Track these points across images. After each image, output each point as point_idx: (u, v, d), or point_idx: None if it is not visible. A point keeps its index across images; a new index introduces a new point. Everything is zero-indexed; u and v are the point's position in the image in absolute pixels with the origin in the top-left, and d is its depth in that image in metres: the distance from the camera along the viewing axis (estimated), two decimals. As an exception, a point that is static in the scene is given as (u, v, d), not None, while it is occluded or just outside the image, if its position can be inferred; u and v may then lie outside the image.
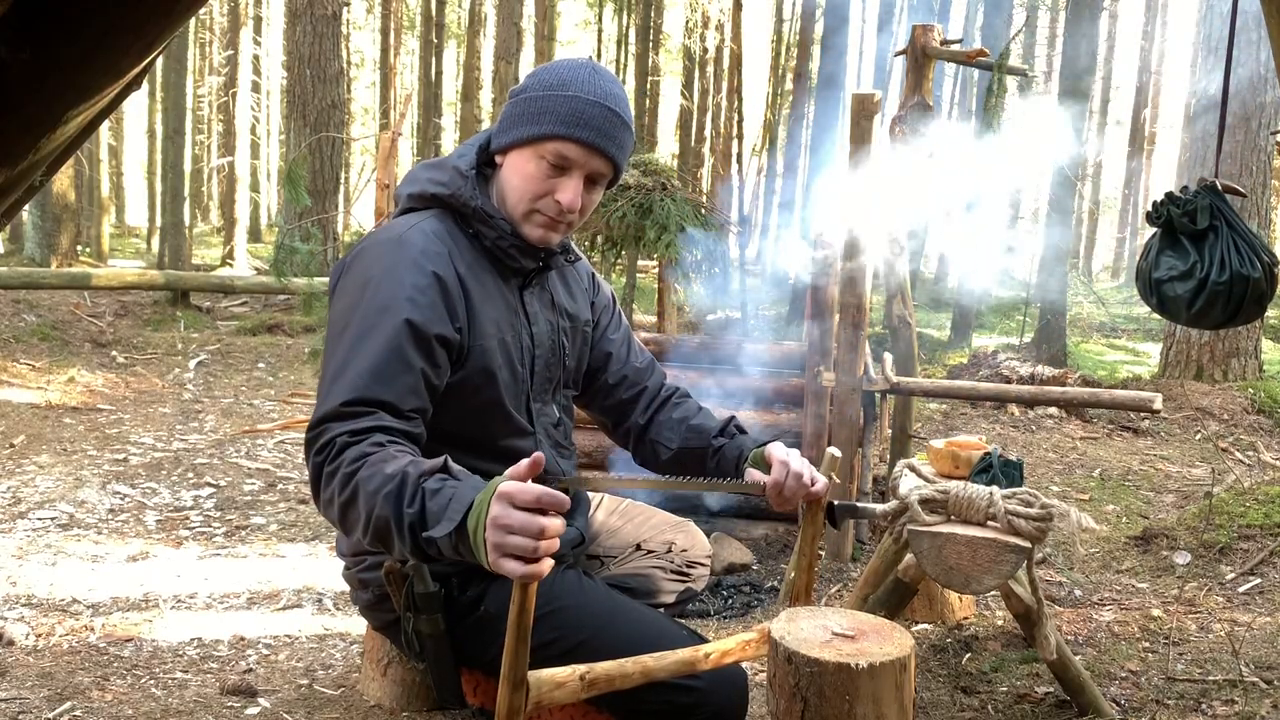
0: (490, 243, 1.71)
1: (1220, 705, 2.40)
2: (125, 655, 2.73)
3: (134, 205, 30.57)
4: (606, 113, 1.64)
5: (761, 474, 1.72)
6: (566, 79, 1.65)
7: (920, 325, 8.34)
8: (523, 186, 1.67)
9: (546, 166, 1.65)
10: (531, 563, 1.21)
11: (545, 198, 1.67)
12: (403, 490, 1.34)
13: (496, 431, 1.72)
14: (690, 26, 21.13)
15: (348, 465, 1.41)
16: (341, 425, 1.47)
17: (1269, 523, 3.74)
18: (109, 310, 9.77)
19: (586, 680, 1.38)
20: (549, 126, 1.62)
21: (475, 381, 1.66)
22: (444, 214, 1.72)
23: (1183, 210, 2.54)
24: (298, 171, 6.06)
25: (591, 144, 1.63)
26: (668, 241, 4.66)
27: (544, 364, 1.79)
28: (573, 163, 1.65)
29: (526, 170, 1.66)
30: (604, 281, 2.04)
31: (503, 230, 1.69)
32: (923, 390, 4.04)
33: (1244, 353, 7.83)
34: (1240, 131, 7.55)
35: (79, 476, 4.72)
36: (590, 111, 1.63)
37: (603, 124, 1.64)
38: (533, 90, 1.66)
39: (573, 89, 1.63)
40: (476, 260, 1.70)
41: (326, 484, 1.44)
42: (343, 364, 1.54)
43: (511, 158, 1.69)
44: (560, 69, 1.67)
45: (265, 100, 24.28)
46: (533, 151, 1.65)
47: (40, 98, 1.03)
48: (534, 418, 1.77)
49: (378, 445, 1.43)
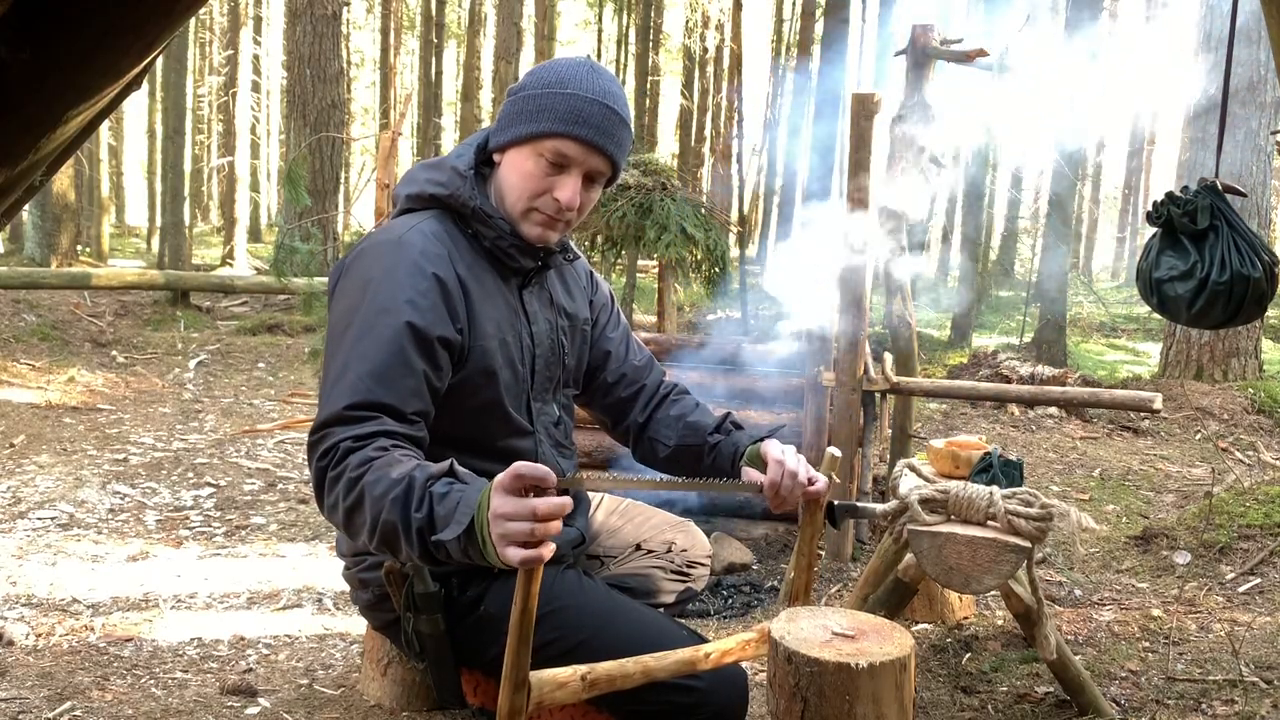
0: (489, 243, 1.70)
1: (1220, 705, 2.40)
2: (125, 655, 2.73)
3: (134, 205, 30.58)
4: (605, 110, 1.64)
5: (758, 473, 1.71)
6: (565, 77, 1.64)
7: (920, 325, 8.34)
8: (521, 185, 1.67)
9: (545, 164, 1.64)
10: (531, 546, 1.21)
11: (544, 196, 1.67)
12: (410, 494, 1.34)
13: (496, 431, 1.72)
14: (690, 26, 21.15)
15: (352, 470, 1.41)
16: (345, 430, 1.46)
17: (1269, 523, 3.74)
18: (109, 310, 9.77)
19: (588, 680, 1.38)
20: (548, 124, 1.62)
21: (476, 382, 1.66)
22: (443, 214, 1.71)
23: (1183, 210, 2.54)
24: (298, 171, 6.06)
25: (590, 141, 1.63)
26: (668, 242, 4.65)
27: (544, 363, 1.79)
28: (571, 160, 1.64)
29: (525, 168, 1.66)
30: (602, 280, 2.04)
31: (501, 230, 1.69)
32: (923, 390, 4.04)
33: (1244, 353, 7.83)
34: (1240, 131, 7.55)
35: (79, 476, 4.72)
36: (589, 109, 1.62)
37: (601, 122, 1.63)
38: (531, 88, 1.66)
39: (571, 87, 1.63)
40: (476, 260, 1.69)
41: (330, 489, 1.44)
42: (344, 366, 1.53)
43: (510, 156, 1.69)
44: (559, 67, 1.67)
45: (265, 100, 24.28)
46: (531, 149, 1.65)
47: (40, 98, 1.03)
48: (534, 417, 1.77)
49: (381, 450, 1.43)
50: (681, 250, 4.73)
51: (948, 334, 11.95)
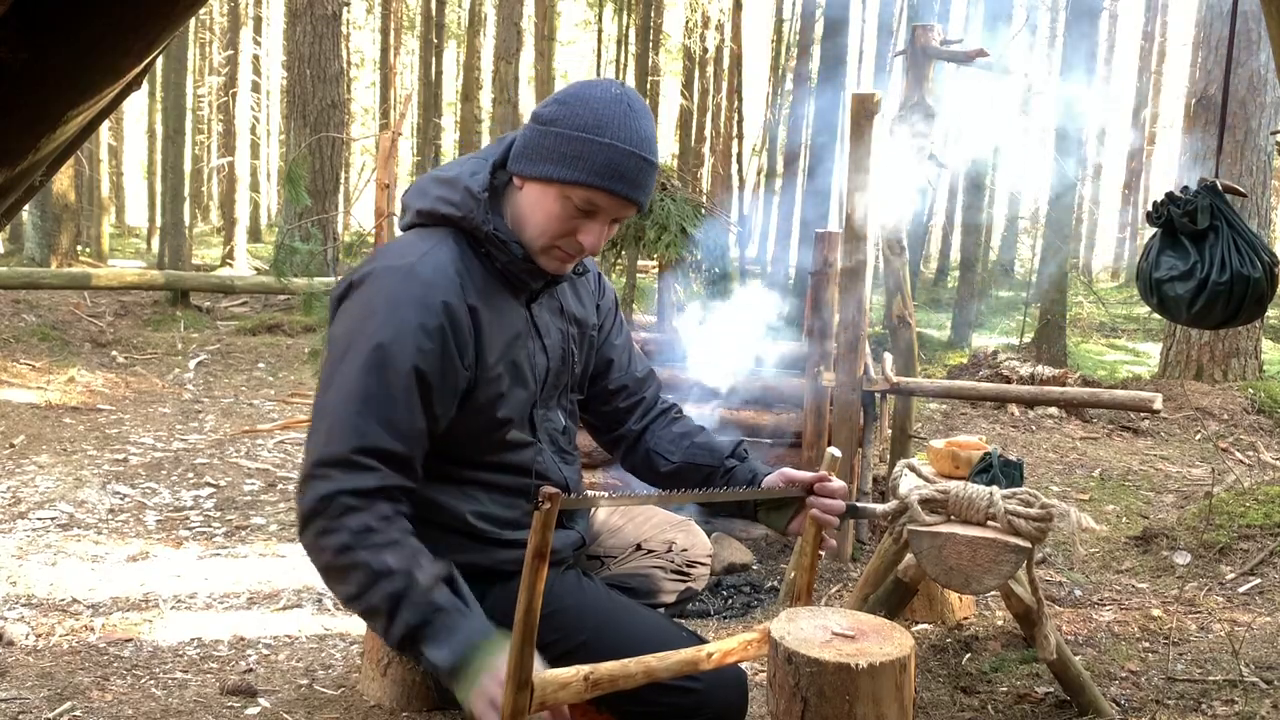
0: (501, 265, 1.65)
1: (1220, 705, 2.40)
2: (125, 655, 2.73)
3: (134, 205, 30.57)
4: (641, 163, 1.58)
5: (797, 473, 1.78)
6: (603, 121, 1.56)
7: (920, 325, 8.33)
8: (545, 224, 1.61)
9: (573, 208, 1.59)
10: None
11: (568, 238, 1.62)
12: (408, 593, 1.43)
13: (497, 443, 1.69)
14: (690, 26, 21.14)
15: (349, 535, 1.46)
16: (345, 478, 1.48)
17: (1269, 523, 3.74)
18: (109, 310, 9.77)
19: (590, 680, 1.38)
20: (582, 175, 1.56)
21: (479, 405, 1.64)
22: (455, 235, 1.65)
23: (1183, 210, 2.54)
24: (298, 171, 6.06)
25: (625, 196, 1.58)
26: (668, 242, 4.65)
27: (554, 374, 1.76)
28: (602, 210, 1.60)
29: (550, 209, 1.60)
30: (609, 283, 2.02)
31: (515, 255, 1.63)
32: (923, 390, 4.04)
33: (1244, 353, 7.83)
34: (1240, 131, 7.55)
35: (79, 476, 4.72)
36: (626, 164, 1.56)
37: (637, 175, 1.58)
38: (565, 127, 1.57)
39: (609, 135, 1.55)
40: (488, 282, 1.64)
41: (322, 536, 1.48)
42: (346, 399, 1.52)
43: (534, 189, 1.61)
44: (596, 106, 1.57)
45: (265, 100, 24.29)
46: (559, 191, 1.58)
47: (40, 98, 1.03)
48: (537, 426, 1.74)
49: (383, 520, 1.48)
50: (681, 250, 4.72)
51: (948, 334, 11.96)
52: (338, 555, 1.47)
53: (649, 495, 1.67)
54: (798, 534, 1.81)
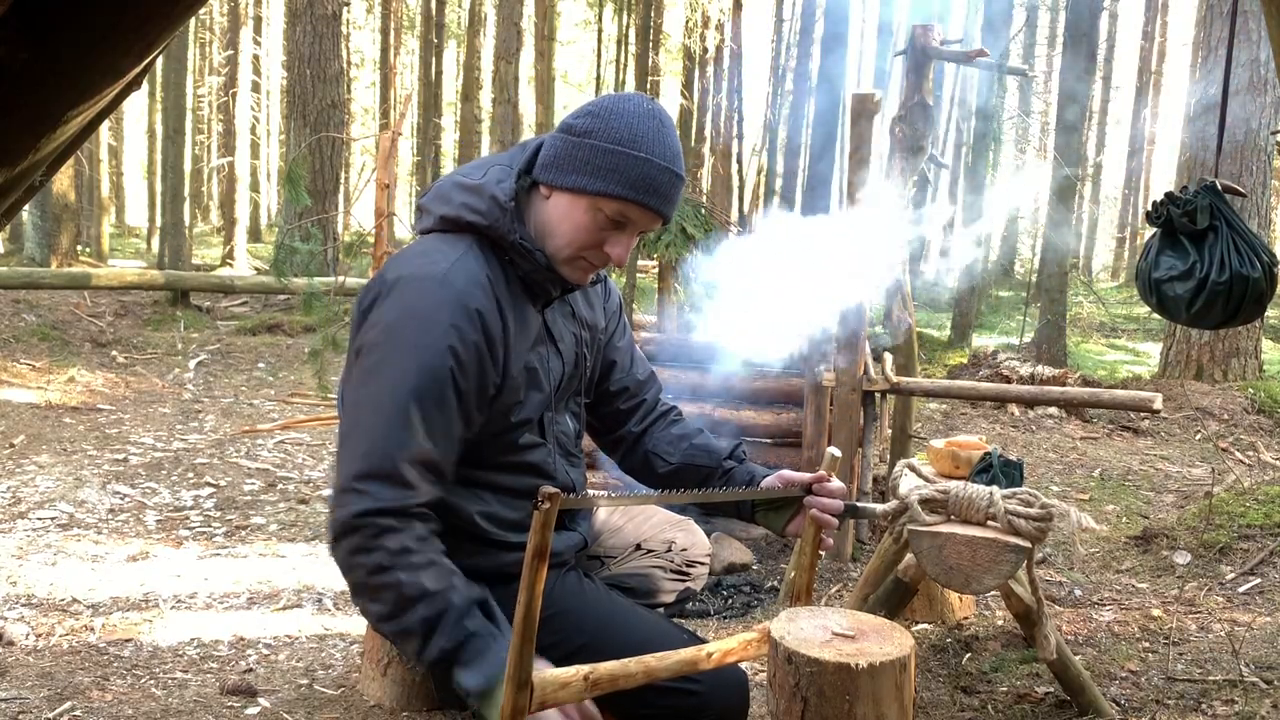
0: (523, 273, 1.65)
1: (1220, 705, 2.40)
2: (125, 655, 2.73)
3: (134, 205, 30.57)
4: (673, 178, 1.60)
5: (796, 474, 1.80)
6: (637, 134, 1.57)
7: (920, 325, 8.34)
8: (572, 234, 1.61)
9: (603, 219, 1.59)
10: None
11: (595, 249, 1.63)
12: (443, 618, 1.44)
13: (509, 446, 1.70)
14: (690, 26, 21.11)
15: (386, 556, 1.46)
16: (385, 495, 1.48)
17: (1269, 523, 3.74)
18: (109, 310, 9.77)
19: (590, 681, 1.38)
20: (616, 188, 1.56)
21: (500, 410, 1.64)
22: (480, 242, 1.64)
23: (1183, 210, 2.54)
24: (298, 171, 6.06)
25: (657, 210, 1.60)
26: (668, 242, 4.65)
27: (567, 379, 1.77)
28: (632, 223, 1.61)
29: (579, 220, 1.60)
30: (614, 285, 2.02)
31: (538, 264, 1.63)
32: (923, 390, 4.04)
33: (1244, 353, 7.83)
34: (1240, 131, 7.55)
35: (79, 476, 4.72)
36: (660, 179, 1.58)
37: (669, 189, 1.60)
38: (599, 139, 1.57)
39: (643, 149, 1.56)
40: (510, 289, 1.64)
41: (356, 554, 1.47)
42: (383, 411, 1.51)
43: (562, 198, 1.61)
44: (630, 120, 1.58)
45: (265, 100, 24.28)
46: (590, 203, 1.59)
47: (40, 98, 1.03)
48: (546, 429, 1.74)
49: (420, 540, 1.48)
50: (681, 250, 4.73)
51: (948, 334, 11.96)
52: (372, 574, 1.46)
53: (649, 495, 1.68)
54: (796, 535, 1.82)
